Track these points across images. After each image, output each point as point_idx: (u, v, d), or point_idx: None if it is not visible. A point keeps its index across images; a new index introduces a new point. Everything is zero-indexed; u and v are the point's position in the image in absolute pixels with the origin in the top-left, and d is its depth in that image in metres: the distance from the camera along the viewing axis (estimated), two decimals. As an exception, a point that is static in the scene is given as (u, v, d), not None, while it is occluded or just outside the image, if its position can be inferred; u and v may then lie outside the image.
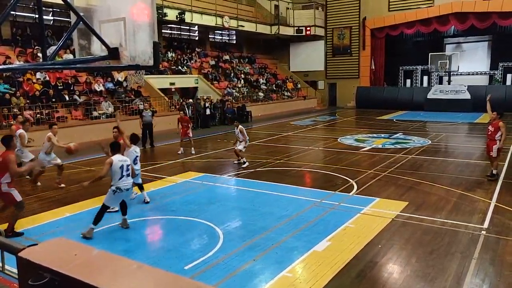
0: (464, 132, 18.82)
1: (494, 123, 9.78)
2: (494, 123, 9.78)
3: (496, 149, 9.62)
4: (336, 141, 15.77)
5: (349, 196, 8.55)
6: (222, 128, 20.43)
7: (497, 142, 9.61)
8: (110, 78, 19.61)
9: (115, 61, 3.27)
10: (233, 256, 5.79)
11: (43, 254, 1.74)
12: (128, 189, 6.70)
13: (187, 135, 13.73)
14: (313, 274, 5.23)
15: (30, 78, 16.36)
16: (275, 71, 32.48)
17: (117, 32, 3.23)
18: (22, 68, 9.36)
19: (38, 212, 7.82)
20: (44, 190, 9.44)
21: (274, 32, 30.22)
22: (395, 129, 18.99)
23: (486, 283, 5.02)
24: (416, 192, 8.79)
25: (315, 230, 6.65)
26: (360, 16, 30.43)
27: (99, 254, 1.74)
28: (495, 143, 9.65)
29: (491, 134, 9.79)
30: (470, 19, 26.76)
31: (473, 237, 6.34)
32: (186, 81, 23.54)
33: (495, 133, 9.68)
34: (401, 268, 5.42)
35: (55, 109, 15.86)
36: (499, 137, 9.61)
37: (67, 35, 3.29)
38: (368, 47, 30.51)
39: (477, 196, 8.41)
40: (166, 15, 21.81)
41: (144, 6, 3.18)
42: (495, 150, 9.63)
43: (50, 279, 1.59)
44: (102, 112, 17.06)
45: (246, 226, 7.00)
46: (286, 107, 28.15)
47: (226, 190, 9.54)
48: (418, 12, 28.16)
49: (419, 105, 27.34)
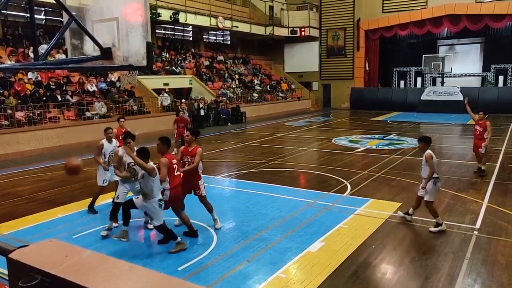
0: (457, 133, 18.97)
1: (482, 123, 10.17)
2: (482, 123, 10.17)
3: (485, 146, 10.05)
4: (330, 142, 15.82)
5: (343, 197, 8.58)
6: (216, 129, 20.41)
7: (486, 140, 10.02)
8: (103, 78, 19.51)
9: (108, 61, 3.25)
10: (227, 257, 5.78)
11: (34, 255, 1.72)
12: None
13: (183, 135, 13.65)
14: (306, 274, 5.24)
15: (21, 78, 16.22)
16: (269, 72, 32.50)
17: (110, 32, 3.21)
18: (13, 68, 9.26)
19: (30, 213, 7.75)
20: (36, 191, 9.36)
21: (268, 33, 30.26)
22: (389, 130, 19.09)
23: (478, 283, 5.05)
24: (410, 193, 8.81)
25: (308, 231, 6.66)
26: (355, 17, 30.57)
27: (90, 255, 1.73)
28: (484, 141, 10.05)
29: (479, 133, 10.17)
30: (463, 21, 27.00)
31: (466, 237, 6.39)
32: (180, 82, 23.47)
33: (483, 132, 10.07)
34: (394, 269, 5.44)
35: (47, 110, 15.74)
36: (487, 135, 10.02)
37: (59, 35, 3.27)
38: (362, 48, 30.64)
39: (469, 196, 8.47)
40: (160, 15, 21.75)
41: (137, 6, 3.16)
42: (484, 147, 10.04)
43: (41, 281, 1.57)
44: (95, 112, 16.95)
45: (240, 227, 6.99)
46: (281, 108, 28.18)
47: (220, 191, 9.51)
48: (411, 14, 28.35)
49: (412, 106, 27.52)
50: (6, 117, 14.33)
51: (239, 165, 11.97)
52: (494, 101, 25.25)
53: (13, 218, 7.33)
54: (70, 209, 7.98)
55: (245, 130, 20.58)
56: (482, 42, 30.16)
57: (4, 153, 13.57)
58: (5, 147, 13.69)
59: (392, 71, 32.71)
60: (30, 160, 13.26)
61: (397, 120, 23.20)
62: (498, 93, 26.18)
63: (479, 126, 10.18)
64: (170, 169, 6.07)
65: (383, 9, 29.65)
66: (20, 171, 11.61)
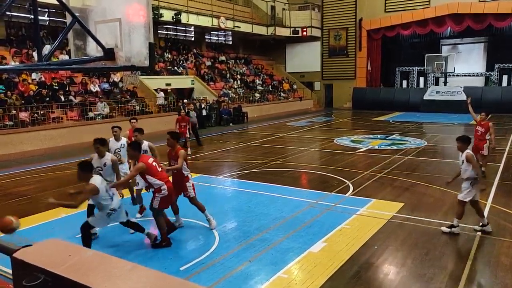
0: (460, 133, 18.77)
1: (484, 124, 9.91)
2: (484, 124, 9.91)
3: (487, 148, 9.77)
4: (332, 142, 15.80)
5: (345, 197, 8.57)
6: (218, 129, 20.43)
7: (487, 141, 9.76)
8: (105, 78, 19.56)
9: (110, 61, 3.27)
10: (229, 257, 5.78)
11: (38, 255, 1.73)
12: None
13: (184, 135, 13.68)
14: (308, 275, 5.24)
15: (25, 78, 16.29)
16: (271, 72, 32.50)
17: (112, 33, 3.23)
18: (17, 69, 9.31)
19: (33, 213, 7.78)
20: (39, 191, 9.39)
21: (270, 33, 30.26)
22: (392, 130, 19.05)
23: (481, 284, 5.04)
24: (412, 193, 8.82)
25: (310, 231, 6.65)
26: (357, 17, 30.52)
27: (93, 255, 1.74)
28: (486, 142, 9.79)
29: (481, 134, 9.89)
30: (466, 20, 26.92)
31: (469, 238, 6.37)
32: (182, 82, 23.50)
33: (485, 133, 9.81)
34: (396, 269, 5.43)
35: (51, 110, 15.80)
36: (489, 136, 9.76)
37: (63, 36, 3.29)
38: (365, 48, 30.59)
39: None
40: (162, 16, 21.79)
41: (139, 7, 3.18)
42: (486, 148, 9.76)
43: (44, 280, 1.58)
44: (97, 112, 17.01)
45: (242, 227, 6.99)
46: (282, 108, 28.17)
47: (222, 191, 9.52)
48: (414, 13, 28.28)
49: (415, 106, 27.45)
50: (10, 118, 14.40)
51: (241, 165, 11.97)
52: (498, 101, 25.18)
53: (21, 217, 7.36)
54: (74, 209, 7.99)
55: (247, 130, 20.58)
56: (485, 41, 30.05)
57: (8, 153, 13.63)
58: (8, 147, 13.76)
59: (395, 71, 32.65)
60: (33, 160, 13.31)
61: (400, 120, 23.15)
62: (501, 93, 26.10)
63: (481, 127, 9.93)
64: (153, 169, 6.03)
65: (385, 9, 29.59)
66: (23, 171, 11.66)
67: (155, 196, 6.06)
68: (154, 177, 5.98)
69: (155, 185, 6.00)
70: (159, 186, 6.00)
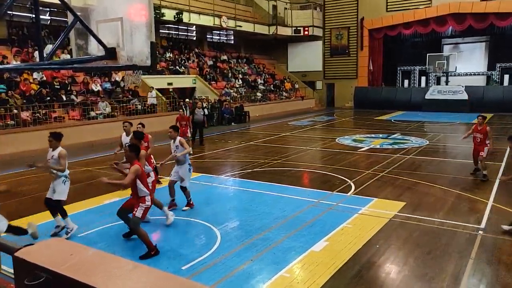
0: (461, 133, 18.74)
1: (481, 129, 9.79)
2: (481, 129, 9.79)
3: (487, 150, 9.68)
4: (334, 142, 15.79)
5: (346, 197, 8.56)
6: (220, 129, 20.43)
7: (487, 145, 9.68)
8: (107, 78, 19.58)
9: (112, 61, 3.27)
10: (231, 256, 5.78)
11: (39, 254, 1.73)
12: None
13: (185, 134, 13.67)
14: (310, 274, 5.23)
15: (27, 78, 16.32)
16: (273, 71, 32.50)
17: (114, 32, 3.23)
18: (19, 68, 9.33)
19: (35, 212, 7.80)
20: (41, 190, 9.40)
21: (272, 32, 30.24)
22: (393, 129, 19.03)
23: (483, 283, 5.03)
24: (414, 192, 8.80)
25: (312, 231, 6.65)
26: (358, 16, 30.48)
27: (95, 254, 1.74)
28: (486, 145, 9.71)
29: (480, 141, 9.78)
30: (468, 20, 26.85)
31: (470, 237, 6.36)
32: (183, 81, 23.52)
33: (484, 139, 9.71)
34: (398, 268, 5.43)
35: (52, 109, 15.82)
36: (488, 140, 9.68)
37: (64, 35, 3.29)
38: (366, 48, 30.56)
39: (474, 196, 8.43)
40: (163, 15, 21.80)
41: (141, 6, 3.18)
42: (486, 151, 9.66)
43: (46, 279, 1.58)
44: (99, 112, 17.03)
45: (244, 226, 6.99)
46: (284, 107, 28.17)
47: (224, 191, 9.53)
48: (416, 13, 28.23)
49: (417, 106, 27.40)
50: (12, 117, 14.43)
51: (242, 165, 11.98)
52: (500, 100, 25.11)
53: (19, 217, 7.37)
54: (75, 207, 8.01)
55: (249, 130, 20.59)
56: (487, 40, 29.97)
57: (10, 152, 13.65)
58: (10, 147, 13.77)
59: (396, 70, 32.60)
60: (35, 159, 13.29)
61: (401, 119, 23.11)
62: (503, 92, 26.02)
63: (479, 133, 9.76)
64: (144, 176, 5.98)
65: (387, 8, 29.54)
66: (25, 170, 11.66)
67: (139, 205, 5.88)
68: (143, 184, 5.88)
69: (142, 192, 5.87)
70: (144, 196, 5.88)
